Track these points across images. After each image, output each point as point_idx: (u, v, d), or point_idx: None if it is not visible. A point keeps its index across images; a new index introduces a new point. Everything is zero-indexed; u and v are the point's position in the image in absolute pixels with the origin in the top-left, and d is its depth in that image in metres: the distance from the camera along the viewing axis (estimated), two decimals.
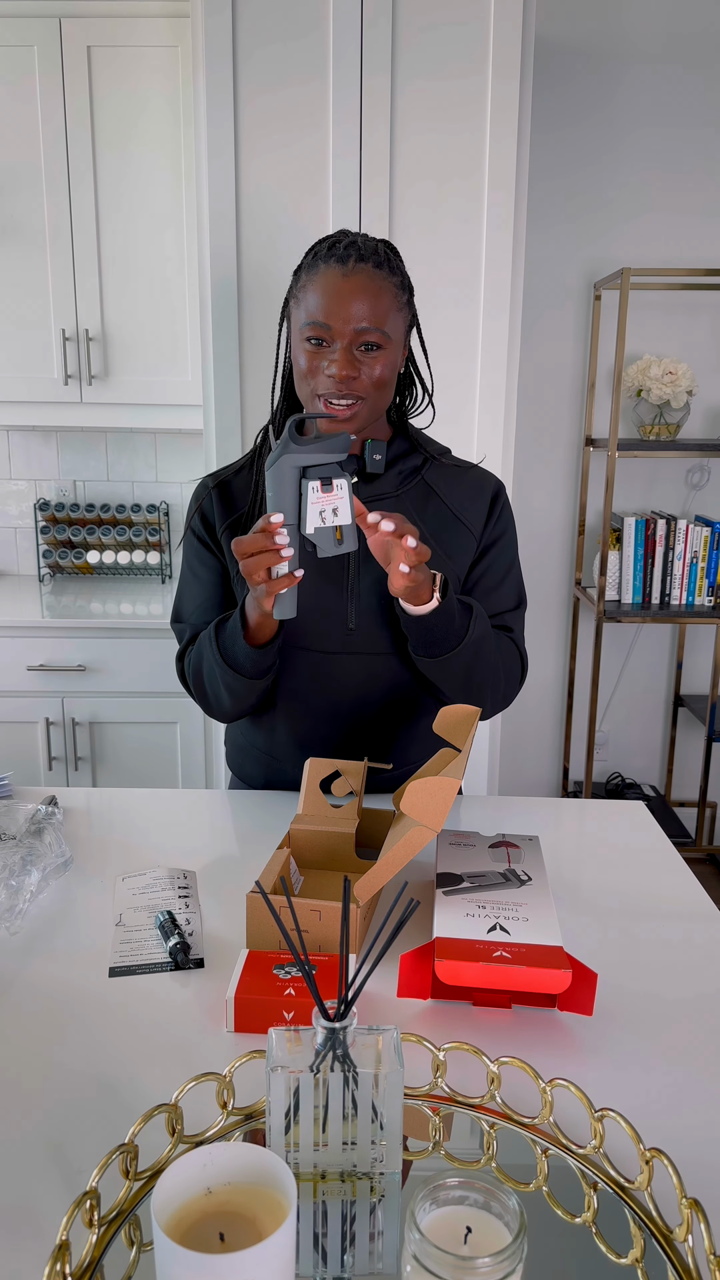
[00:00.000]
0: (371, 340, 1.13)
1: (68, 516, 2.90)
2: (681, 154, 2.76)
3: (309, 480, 1.04)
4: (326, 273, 1.13)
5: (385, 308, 1.14)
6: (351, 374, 1.13)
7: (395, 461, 1.28)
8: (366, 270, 1.13)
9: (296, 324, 1.17)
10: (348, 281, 1.12)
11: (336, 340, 1.13)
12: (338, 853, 1.10)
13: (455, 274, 2.11)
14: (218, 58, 2.00)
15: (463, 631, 1.18)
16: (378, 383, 1.16)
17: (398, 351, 1.18)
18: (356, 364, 1.14)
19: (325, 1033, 0.65)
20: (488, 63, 2.02)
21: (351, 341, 1.13)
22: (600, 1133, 0.69)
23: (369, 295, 1.12)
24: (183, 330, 2.54)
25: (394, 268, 1.16)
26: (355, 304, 1.12)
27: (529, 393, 2.93)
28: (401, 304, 1.17)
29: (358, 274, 1.13)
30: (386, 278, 1.14)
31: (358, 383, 1.14)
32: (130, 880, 1.09)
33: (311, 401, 1.18)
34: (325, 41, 2.01)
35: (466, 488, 1.30)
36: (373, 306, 1.12)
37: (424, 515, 1.27)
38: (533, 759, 3.22)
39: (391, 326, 1.15)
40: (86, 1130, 0.72)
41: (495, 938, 0.88)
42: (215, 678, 1.24)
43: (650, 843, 1.23)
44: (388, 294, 1.14)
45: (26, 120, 2.42)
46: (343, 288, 1.12)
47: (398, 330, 1.16)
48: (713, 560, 2.83)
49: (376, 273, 1.13)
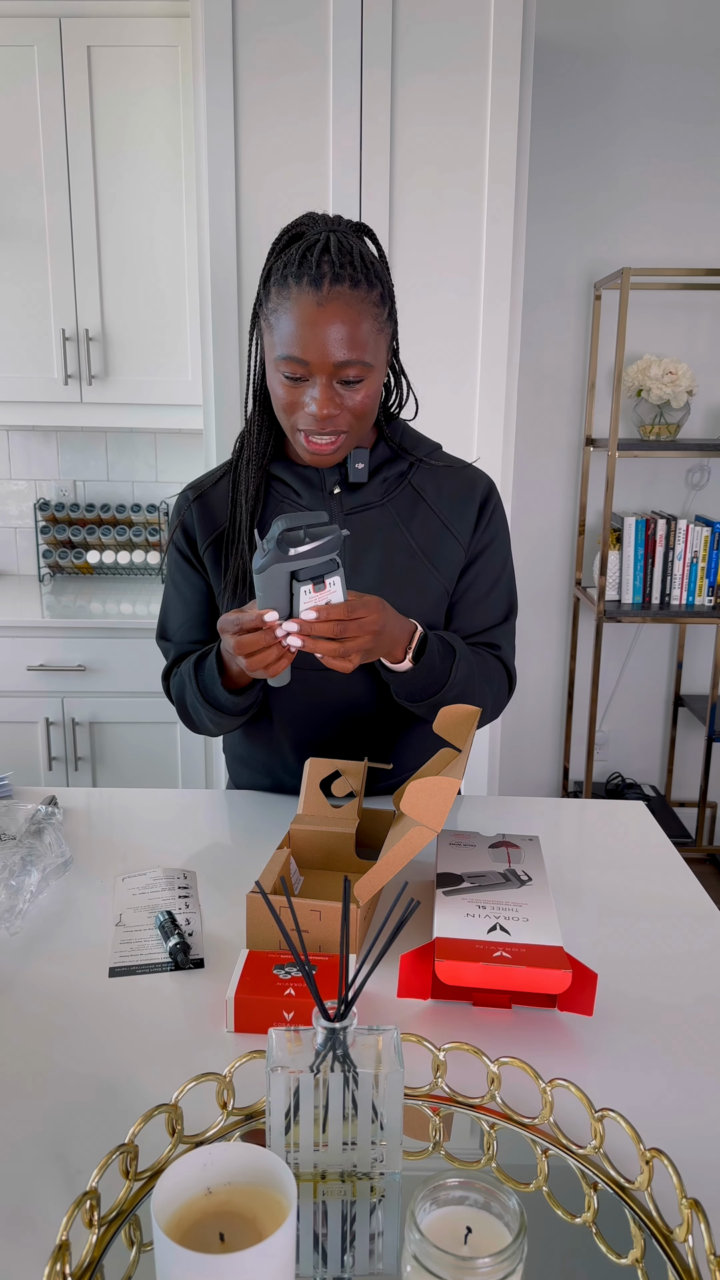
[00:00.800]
0: (352, 375, 1.06)
1: (68, 516, 2.90)
2: (682, 154, 2.76)
3: (301, 584, 0.99)
4: (300, 298, 1.04)
5: (365, 334, 1.05)
6: (333, 411, 1.07)
7: (380, 469, 1.23)
8: (343, 294, 1.03)
9: (270, 349, 1.09)
10: (324, 310, 1.03)
11: (315, 375, 1.06)
12: (338, 853, 1.10)
13: (455, 269, 2.11)
14: (217, 57, 2.00)
15: (444, 679, 1.15)
16: (360, 414, 1.10)
17: (381, 373, 1.11)
18: (338, 399, 1.07)
19: (325, 1033, 0.65)
20: (488, 57, 2.02)
21: (331, 376, 1.06)
22: (600, 1133, 0.69)
23: (347, 324, 1.04)
24: (183, 330, 2.54)
25: (372, 279, 1.06)
26: (333, 337, 1.03)
27: (529, 393, 2.93)
28: (382, 322, 1.08)
29: (334, 300, 1.03)
30: (365, 296, 1.05)
31: (340, 418, 1.09)
32: (130, 880, 1.09)
33: (293, 435, 1.13)
34: (325, 37, 2.01)
35: (456, 490, 1.25)
36: (351, 337, 1.04)
37: (410, 524, 1.23)
38: (533, 759, 3.22)
39: (373, 353, 1.07)
40: (86, 1130, 0.72)
41: (495, 938, 0.88)
42: (198, 710, 1.23)
43: (650, 843, 1.23)
44: (367, 318, 1.05)
45: (26, 120, 2.43)
46: (318, 318, 1.03)
47: (380, 352, 1.09)
48: (713, 560, 2.83)
49: (354, 294, 1.04)
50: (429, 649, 1.13)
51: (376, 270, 1.08)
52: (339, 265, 1.04)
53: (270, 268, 1.09)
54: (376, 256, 1.12)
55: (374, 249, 1.14)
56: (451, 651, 1.16)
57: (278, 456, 1.25)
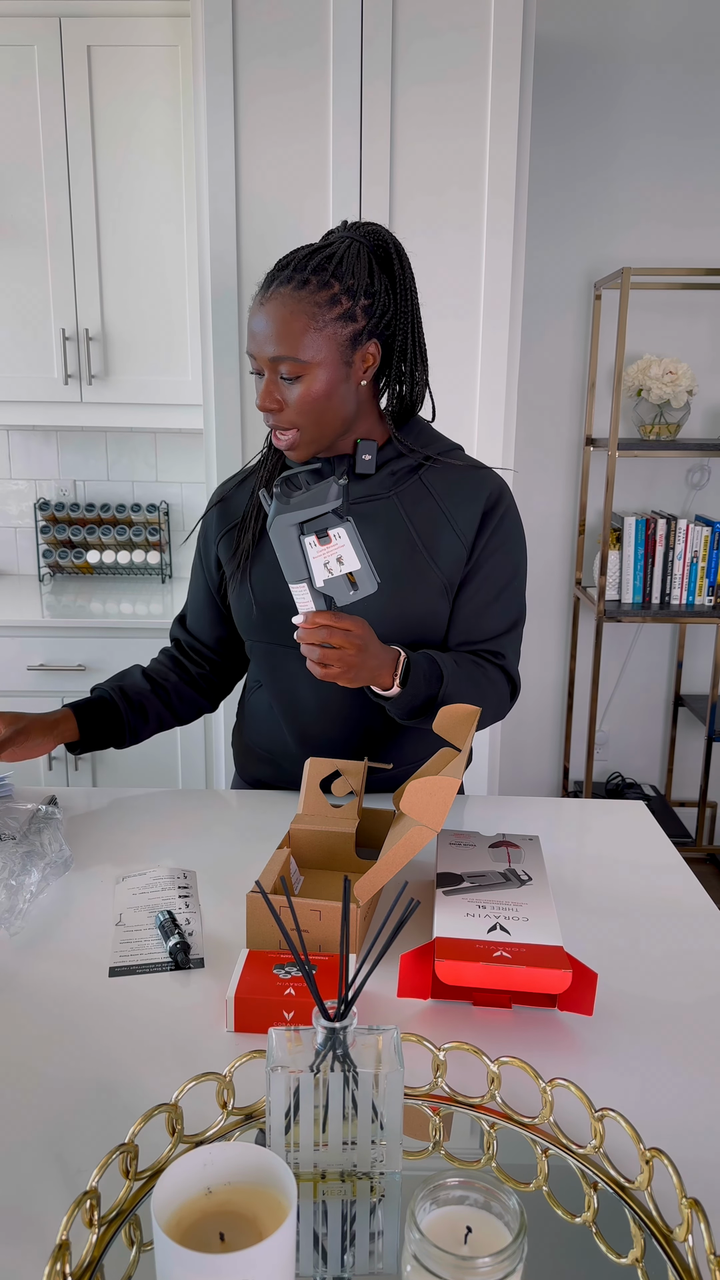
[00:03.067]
0: (284, 371, 1.12)
1: (68, 516, 2.90)
2: (682, 154, 2.76)
3: (305, 536, 1.04)
4: (255, 299, 1.14)
5: (297, 331, 1.10)
6: (270, 405, 1.13)
7: (388, 462, 1.24)
8: (282, 294, 1.10)
9: None
10: (262, 309, 1.12)
11: (263, 369, 1.13)
12: (338, 853, 1.10)
13: (457, 270, 2.11)
14: (218, 58, 2.00)
15: (431, 698, 1.17)
16: (302, 408, 1.13)
17: (328, 370, 1.13)
18: (277, 395, 1.13)
19: (325, 1033, 0.65)
20: (488, 66, 2.02)
21: (273, 370, 1.13)
22: (600, 1133, 0.69)
23: (277, 322, 1.10)
24: (183, 330, 2.54)
25: (326, 279, 1.11)
26: (264, 334, 1.11)
27: (529, 393, 2.93)
28: (327, 320, 1.11)
29: (271, 300, 1.11)
30: (308, 295, 1.10)
31: (283, 414, 1.14)
32: (130, 880, 1.09)
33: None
34: (325, 43, 2.01)
35: (463, 489, 1.25)
36: (281, 334, 1.10)
37: (413, 516, 1.24)
38: (533, 759, 3.22)
39: (309, 348, 1.11)
40: (86, 1130, 0.72)
41: (495, 938, 0.88)
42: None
43: (650, 843, 1.23)
44: (302, 316, 1.10)
45: (26, 120, 2.42)
46: (256, 316, 1.12)
47: (321, 349, 1.11)
48: (713, 560, 2.83)
49: (295, 294, 1.10)
50: (414, 675, 1.15)
51: (337, 271, 1.11)
52: (292, 268, 1.11)
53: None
54: (363, 262, 1.14)
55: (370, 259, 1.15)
56: (439, 675, 1.18)
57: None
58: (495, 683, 1.25)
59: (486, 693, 1.23)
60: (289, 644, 1.26)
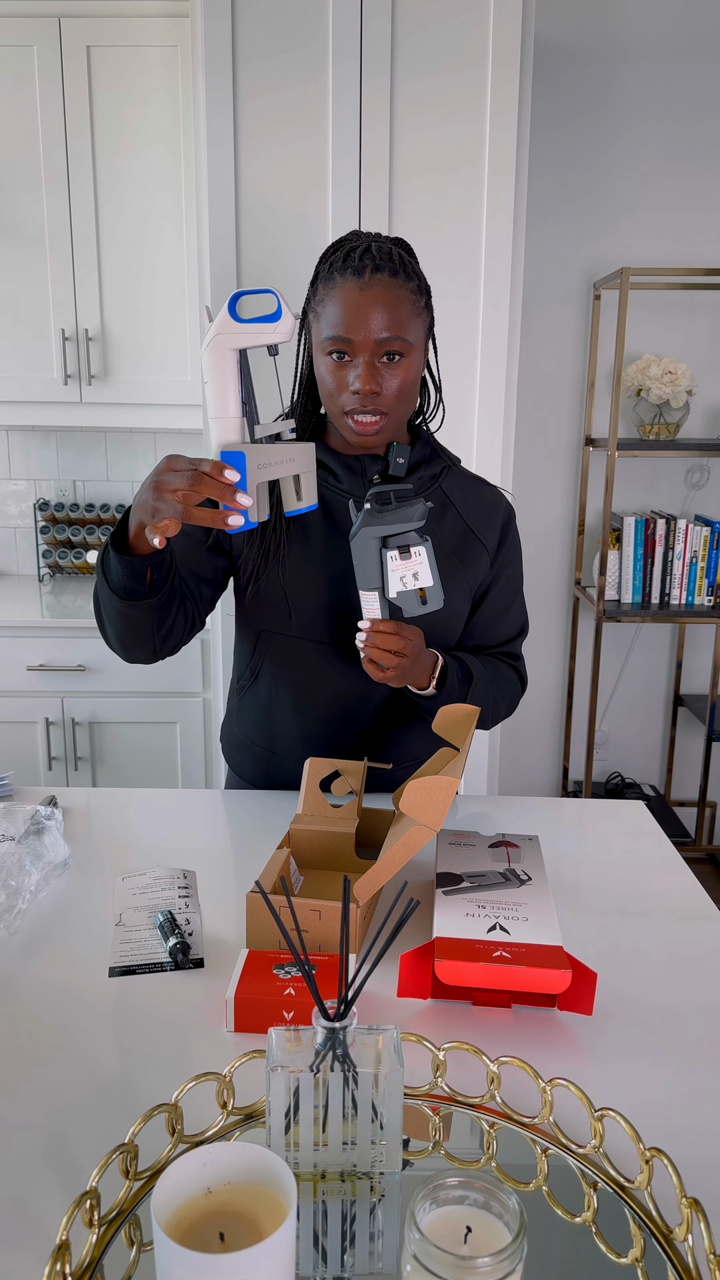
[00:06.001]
0: (394, 349, 1.14)
1: (67, 516, 2.90)
2: (681, 154, 2.76)
3: (388, 550, 1.11)
4: (344, 286, 1.13)
5: (404, 315, 1.14)
6: (374, 389, 1.14)
7: (416, 467, 1.30)
8: (383, 280, 1.13)
9: (317, 338, 1.18)
10: (365, 294, 1.12)
11: (359, 354, 1.14)
12: (338, 852, 1.10)
13: (455, 269, 2.11)
14: (217, 57, 2.00)
15: (463, 700, 1.23)
16: (400, 394, 1.16)
17: (420, 357, 1.19)
18: (379, 377, 1.14)
19: (325, 1033, 0.65)
20: (487, 58, 2.02)
21: (373, 354, 1.14)
22: (600, 1132, 0.69)
23: (387, 305, 1.12)
24: (182, 330, 2.54)
25: (410, 272, 1.16)
26: (374, 316, 1.12)
27: (529, 392, 2.93)
28: (420, 308, 1.17)
29: (375, 285, 1.13)
30: (403, 284, 1.14)
31: (381, 398, 1.15)
32: (130, 880, 1.09)
33: (340, 419, 1.19)
34: (324, 38, 2.01)
35: (482, 504, 1.32)
36: (392, 316, 1.13)
37: (440, 525, 1.29)
38: (533, 759, 3.22)
39: (412, 333, 1.15)
40: (86, 1130, 0.72)
41: (495, 937, 0.88)
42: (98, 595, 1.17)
43: (650, 843, 1.23)
44: (406, 301, 1.14)
45: (26, 120, 2.42)
46: (361, 300, 1.12)
47: (418, 335, 1.17)
48: (713, 560, 2.83)
49: (393, 281, 1.13)
50: (450, 677, 1.23)
51: (412, 267, 1.18)
52: (379, 258, 1.15)
53: (318, 271, 1.19)
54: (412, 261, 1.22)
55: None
56: (469, 676, 1.26)
57: (317, 444, 1.30)
58: (510, 682, 1.36)
59: (505, 691, 1.34)
60: (313, 637, 1.27)
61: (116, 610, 1.14)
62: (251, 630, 1.33)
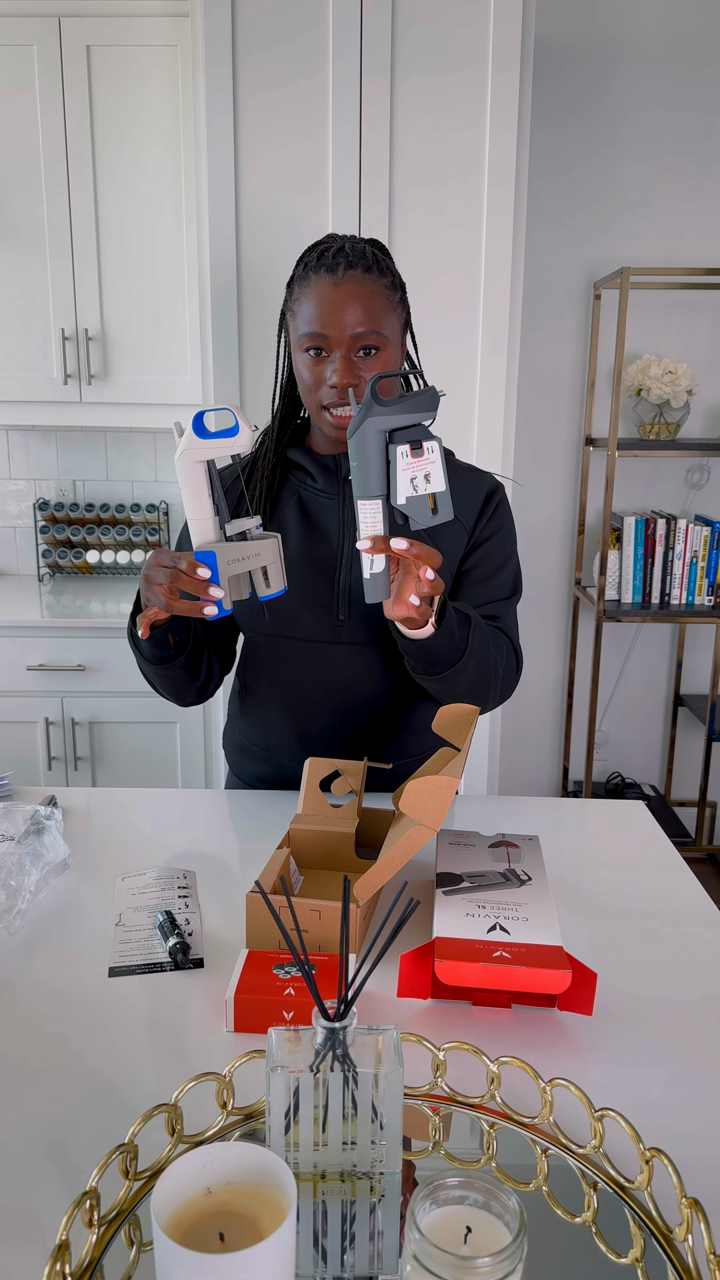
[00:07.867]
0: (370, 344, 1.15)
1: (67, 516, 2.90)
2: (681, 154, 2.76)
3: (397, 445, 0.94)
4: (318, 283, 1.15)
5: (379, 309, 1.15)
6: (351, 381, 1.15)
7: None
8: (356, 275, 1.15)
9: (294, 336, 1.19)
10: (339, 290, 1.14)
11: (335, 349, 1.15)
12: (337, 852, 1.10)
13: (456, 268, 2.11)
14: (217, 56, 2.00)
15: (462, 646, 1.15)
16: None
17: (397, 351, 1.20)
18: (355, 371, 1.16)
19: (325, 1033, 0.65)
20: (487, 58, 2.02)
21: (349, 348, 1.15)
22: (600, 1132, 0.69)
23: (361, 300, 1.14)
24: (182, 330, 2.54)
25: (383, 268, 1.18)
26: (349, 311, 1.14)
27: (529, 392, 2.92)
28: (394, 303, 1.18)
29: (348, 280, 1.15)
30: (376, 280, 1.16)
31: (358, 390, 1.16)
32: (130, 880, 1.09)
33: (318, 414, 1.20)
34: (325, 38, 2.01)
35: (464, 487, 1.30)
36: (366, 310, 1.14)
37: None
38: (533, 759, 3.22)
39: (387, 327, 1.17)
40: (86, 1130, 0.72)
41: (495, 938, 0.88)
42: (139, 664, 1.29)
43: (650, 843, 1.23)
44: (379, 295, 1.16)
45: (26, 120, 2.42)
46: (335, 296, 1.14)
47: (394, 329, 1.18)
48: (713, 560, 2.83)
49: (366, 276, 1.15)
50: (448, 614, 1.14)
51: (385, 264, 1.20)
52: (352, 256, 1.17)
53: (294, 273, 1.21)
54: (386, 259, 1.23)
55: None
56: (467, 619, 1.17)
57: (297, 446, 1.32)
58: (502, 644, 1.27)
59: (499, 647, 1.25)
60: (291, 634, 1.28)
61: (155, 674, 1.27)
62: (245, 633, 1.34)
